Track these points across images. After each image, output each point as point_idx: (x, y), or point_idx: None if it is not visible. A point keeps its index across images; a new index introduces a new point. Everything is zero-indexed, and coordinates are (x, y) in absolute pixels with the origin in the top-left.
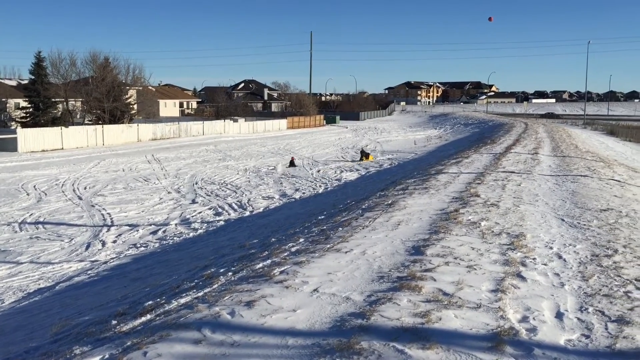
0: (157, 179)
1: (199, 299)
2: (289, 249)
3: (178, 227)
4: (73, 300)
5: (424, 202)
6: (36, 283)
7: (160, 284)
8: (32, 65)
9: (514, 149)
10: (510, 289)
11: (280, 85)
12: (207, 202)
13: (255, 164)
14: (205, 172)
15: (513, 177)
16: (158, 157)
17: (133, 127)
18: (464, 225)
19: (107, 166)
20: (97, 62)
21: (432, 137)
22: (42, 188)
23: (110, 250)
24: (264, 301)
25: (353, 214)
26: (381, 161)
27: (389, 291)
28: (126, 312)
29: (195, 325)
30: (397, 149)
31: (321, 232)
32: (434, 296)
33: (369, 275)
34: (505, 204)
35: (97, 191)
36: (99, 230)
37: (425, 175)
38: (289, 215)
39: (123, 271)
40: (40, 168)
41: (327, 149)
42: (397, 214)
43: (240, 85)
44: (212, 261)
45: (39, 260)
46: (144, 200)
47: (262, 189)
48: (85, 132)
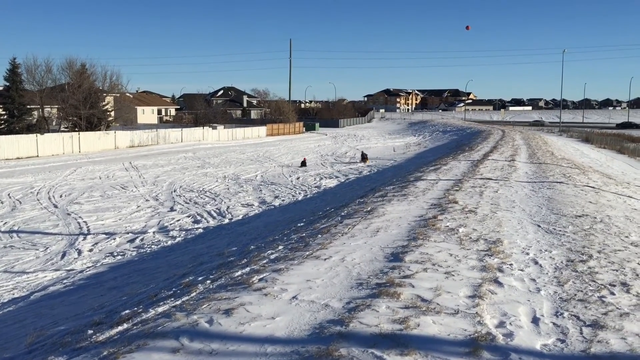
0: (135, 187)
1: (177, 308)
2: (268, 256)
3: (156, 235)
4: (48, 310)
5: (403, 209)
6: (10, 293)
7: (138, 293)
8: (6, 71)
9: (491, 156)
10: (487, 295)
11: (259, 92)
12: (185, 209)
13: (234, 171)
14: (184, 179)
15: (490, 183)
16: (136, 164)
17: (110, 134)
18: (442, 231)
19: (83, 174)
20: (73, 68)
21: (411, 144)
22: (16, 196)
23: (87, 259)
24: (243, 309)
25: (332, 221)
26: (360, 168)
27: (367, 298)
28: (102, 322)
29: (173, 334)
30: (377, 156)
31: (300, 240)
32: (413, 302)
33: (348, 282)
34: (483, 211)
35: (73, 199)
36: (75, 239)
37: (404, 182)
38: (268, 222)
39: (99, 280)
40: (15, 176)
41: (307, 156)
42: (376, 221)
43: (219, 92)
44: (190, 269)
45: (13, 269)
46: (122, 208)
47: (242, 196)
48: (61, 139)
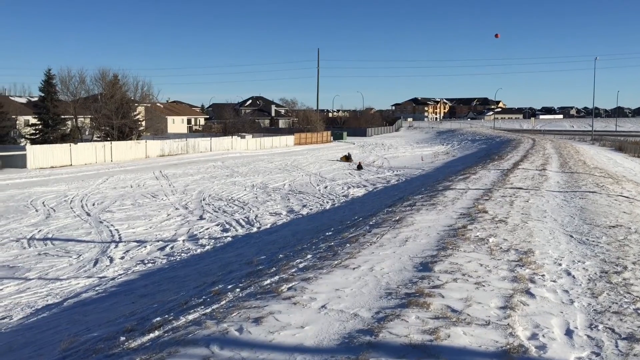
0: (165, 195)
1: (207, 315)
2: (296, 265)
3: (186, 243)
4: (81, 316)
5: (432, 218)
6: (44, 299)
7: (168, 300)
8: (42, 82)
9: (521, 165)
10: (519, 306)
11: (287, 101)
12: (214, 218)
13: (262, 180)
14: (213, 188)
15: (521, 193)
16: (166, 173)
17: (141, 143)
18: (472, 241)
19: (115, 182)
20: (106, 79)
21: (439, 153)
22: (50, 204)
23: (118, 266)
24: (272, 317)
25: (360, 230)
26: (388, 177)
27: (397, 308)
28: (134, 329)
29: (203, 341)
30: (404, 165)
31: (329, 249)
32: (443, 313)
33: (377, 291)
34: (514, 220)
35: (105, 207)
36: (107, 247)
37: (432, 192)
38: (297, 231)
39: (131, 287)
40: (49, 184)
41: (334, 165)
42: (405, 230)
43: (247, 102)
44: (219, 277)
45: (47, 276)
46: (152, 217)
47: (270, 205)
48: (94, 148)
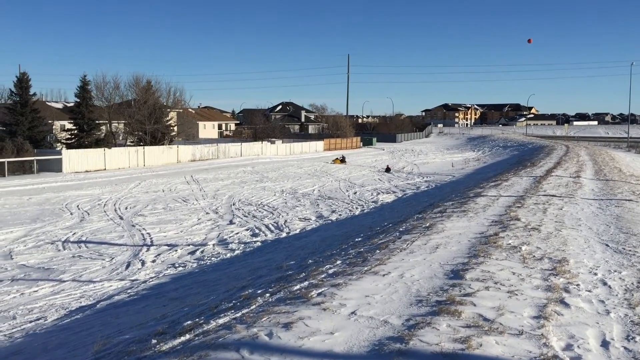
0: (196, 200)
1: (237, 320)
2: (326, 270)
3: (216, 247)
4: (113, 318)
5: (463, 225)
6: (78, 301)
7: (199, 304)
8: (77, 88)
9: (555, 172)
10: (553, 316)
11: (317, 107)
12: (244, 223)
13: (292, 185)
14: (243, 193)
15: (554, 200)
16: (197, 178)
17: (173, 148)
18: (504, 249)
19: (147, 187)
20: (139, 85)
21: (470, 159)
22: (85, 208)
23: (150, 269)
24: (302, 323)
25: (390, 236)
26: (418, 183)
27: (427, 315)
28: (166, 332)
29: (233, 345)
30: (435, 171)
31: (358, 254)
32: (474, 321)
33: (407, 298)
34: (547, 228)
35: (137, 211)
36: (139, 250)
37: (463, 198)
38: (326, 237)
39: (162, 290)
40: (84, 188)
41: (364, 171)
42: (436, 237)
43: (278, 107)
44: (249, 282)
45: (81, 278)
46: (183, 221)
47: (299, 210)
48: (127, 153)
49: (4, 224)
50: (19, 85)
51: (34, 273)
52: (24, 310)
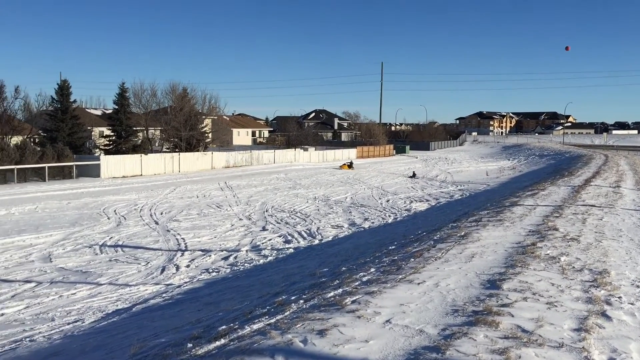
0: (229, 206)
1: (271, 326)
2: (360, 278)
3: (249, 253)
4: (149, 322)
5: (499, 234)
6: (114, 304)
7: (233, 309)
8: (116, 95)
9: (593, 181)
10: (594, 329)
11: (350, 114)
12: (277, 229)
13: (324, 192)
14: (276, 200)
15: (594, 210)
16: (230, 184)
17: (207, 155)
18: (542, 259)
19: (182, 192)
20: (176, 92)
21: (505, 168)
22: (121, 212)
23: (184, 274)
24: (336, 330)
25: (425, 244)
26: (452, 191)
27: (464, 325)
28: (201, 336)
29: (268, 351)
30: (469, 180)
31: (392, 263)
32: (513, 333)
33: (442, 308)
34: (587, 239)
35: (172, 217)
36: (174, 255)
37: (499, 207)
38: (359, 244)
39: (196, 295)
40: (121, 193)
41: (397, 179)
42: (471, 246)
43: (311, 115)
44: (283, 288)
45: (117, 282)
46: (217, 227)
47: (331, 217)
48: (163, 159)
49: (44, 228)
50: (60, 93)
51: (72, 276)
52: (62, 312)
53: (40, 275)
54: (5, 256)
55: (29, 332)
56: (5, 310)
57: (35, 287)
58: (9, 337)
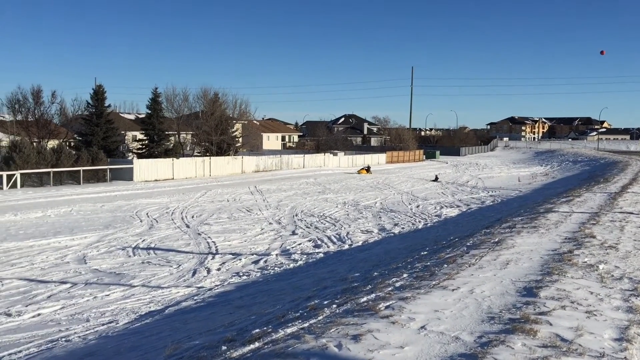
0: (259, 210)
1: (305, 330)
2: (392, 283)
3: (279, 257)
4: (182, 324)
5: (534, 241)
6: (147, 306)
7: (266, 313)
8: (149, 100)
9: (631, 188)
10: (636, 339)
11: (379, 119)
12: (306, 234)
13: (354, 197)
14: (305, 204)
15: (632, 218)
16: (260, 188)
17: (238, 159)
18: (579, 267)
19: (212, 196)
20: (207, 97)
21: (537, 174)
22: (154, 215)
23: (215, 277)
24: (371, 335)
25: (458, 250)
26: (483, 197)
27: (501, 333)
28: (235, 339)
29: (303, 355)
30: (500, 186)
31: (425, 268)
32: (551, 341)
33: (478, 315)
34: (625, 247)
35: (203, 220)
36: (204, 258)
37: (533, 214)
38: (389, 249)
39: (227, 298)
40: (153, 196)
41: (427, 184)
42: (505, 253)
43: (340, 120)
44: (314, 293)
45: (150, 284)
46: (247, 230)
47: (361, 222)
48: (194, 163)
49: (79, 230)
50: (94, 97)
51: (106, 277)
52: (96, 313)
53: (75, 276)
54: (41, 257)
55: (65, 332)
56: (41, 310)
57: (70, 288)
58: (45, 336)
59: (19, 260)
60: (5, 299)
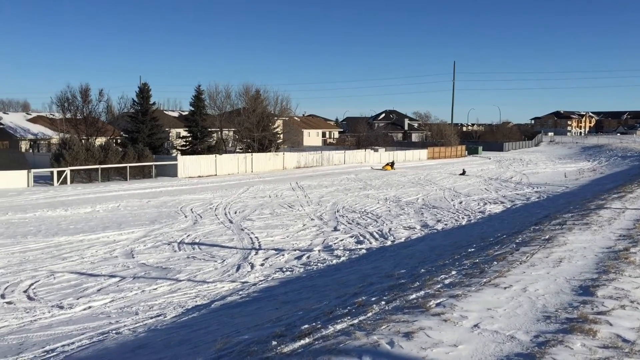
0: (301, 206)
1: (355, 326)
2: (441, 281)
3: (321, 253)
4: (229, 318)
5: (586, 238)
6: (193, 300)
7: (313, 309)
8: (192, 97)
9: None
10: None
11: (420, 115)
12: (348, 230)
13: (395, 193)
14: (347, 200)
15: None
16: (302, 184)
17: (279, 155)
18: (637, 265)
19: (255, 192)
20: (249, 94)
21: (584, 169)
22: (197, 211)
23: (259, 272)
24: (423, 333)
25: (507, 247)
26: (528, 194)
27: (558, 333)
28: (284, 334)
29: (355, 352)
30: (545, 182)
31: (474, 265)
32: (612, 342)
33: (532, 314)
34: None
35: (246, 216)
36: (248, 253)
37: (583, 210)
38: (434, 246)
39: (272, 294)
40: (197, 192)
41: (469, 180)
42: (557, 250)
43: (381, 115)
44: (360, 289)
45: (196, 278)
46: (289, 226)
47: (403, 218)
48: (236, 159)
49: (126, 225)
50: (140, 95)
51: (153, 272)
52: (145, 307)
53: (123, 270)
54: (91, 251)
55: (115, 325)
56: (92, 303)
57: (119, 282)
58: (96, 329)
59: (69, 254)
60: (57, 292)
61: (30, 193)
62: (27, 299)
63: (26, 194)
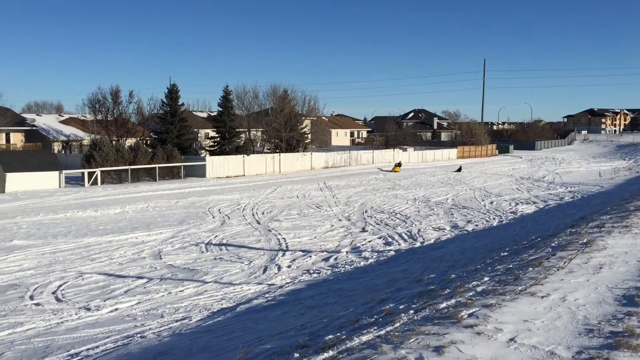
0: (329, 206)
1: (381, 339)
2: (473, 288)
3: (349, 255)
4: (253, 323)
5: (628, 242)
6: (219, 303)
7: (338, 316)
8: (220, 98)
9: None
10: None
11: (450, 114)
12: (376, 231)
13: (424, 193)
14: (375, 200)
15: None
16: (329, 184)
17: (307, 155)
18: None
19: (282, 193)
20: (277, 94)
21: (620, 168)
22: (225, 212)
23: (285, 274)
24: (455, 348)
25: (542, 252)
26: (561, 193)
27: (602, 348)
28: (307, 345)
29: None
30: (579, 181)
31: (508, 271)
32: None
33: (573, 326)
34: None
35: (273, 216)
36: (275, 255)
37: (622, 212)
38: (464, 248)
39: (298, 297)
40: (225, 193)
41: (500, 180)
42: (597, 255)
43: (409, 115)
44: (388, 295)
45: (222, 280)
46: (316, 227)
47: (432, 219)
48: (264, 160)
49: (155, 225)
50: (169, 97)
51: (180, 273)
52: (170, 309)
53: (150, 271)
54: (120, 252)
55: (140, 328)
56: (119, 305)
57: (146, 284)
58: (121, 332)
59: (98, 255)
60: (85, 293)
61: (61, 194)
62: (55, 300)
63: (57, 194)
